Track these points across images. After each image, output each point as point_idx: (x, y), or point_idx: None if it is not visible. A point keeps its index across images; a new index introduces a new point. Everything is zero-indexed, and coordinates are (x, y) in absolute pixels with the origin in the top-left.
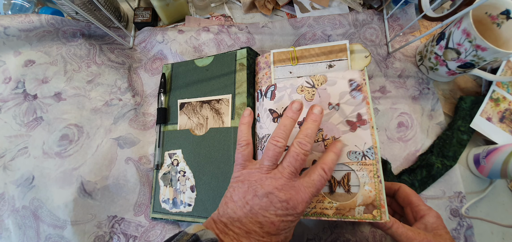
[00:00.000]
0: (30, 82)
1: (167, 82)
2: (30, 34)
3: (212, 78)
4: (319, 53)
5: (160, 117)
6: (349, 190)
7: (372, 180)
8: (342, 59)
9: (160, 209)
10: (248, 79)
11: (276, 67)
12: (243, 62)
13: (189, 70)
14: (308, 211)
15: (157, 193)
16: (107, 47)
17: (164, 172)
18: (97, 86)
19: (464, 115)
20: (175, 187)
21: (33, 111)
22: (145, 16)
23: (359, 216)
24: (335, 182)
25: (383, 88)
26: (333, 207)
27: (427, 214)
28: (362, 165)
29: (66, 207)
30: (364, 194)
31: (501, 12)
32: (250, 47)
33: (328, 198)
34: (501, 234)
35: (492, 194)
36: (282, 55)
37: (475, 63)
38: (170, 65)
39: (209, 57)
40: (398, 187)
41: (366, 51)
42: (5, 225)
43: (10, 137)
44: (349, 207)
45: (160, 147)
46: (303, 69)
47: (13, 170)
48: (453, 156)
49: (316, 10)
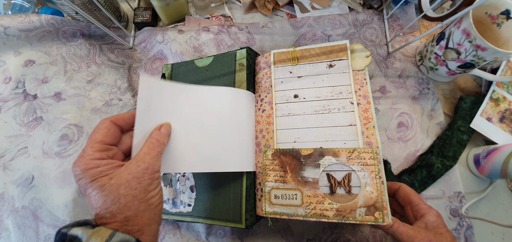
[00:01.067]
0: (30, 82)
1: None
2: (30, 34)
3: (212, 79)
4: (319, 53)
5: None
6: (350, 191)
7: (374, 181)
8: (342, 59)
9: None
10: (248, 79)
11: (276, 67)
12: (243, 62)
13: (189, 71)
14: (307, 213)
15: None
16: (107, 47)
17: (164, 173)
18: (97, 86)
19: (464, 115)
20: (175, 187)
21: (33, 111)
22: (145, 16)
23: (361, 218)
24: (335, 183)
25: (383, 88)
26: (333, 208)
27: (427, 213)
28: (363, 166)
29: (66, 207)
30: (366, 195)
31: (501, 12)
32: (250, 48)
33: (328, 199)
34: (501, 234)
35: (492, 194)
36: (282, 55)
37: (475, 63)
38: (170, 66)
39: (209, 58)
40: (398, 186)
41: (367, 51)
42: (4, 225)
43: (10, 137)
44: (350, 209)
45: None
46: (303, 69)
47: (13, 170)
48: (453, 156)
49: (316, 10)
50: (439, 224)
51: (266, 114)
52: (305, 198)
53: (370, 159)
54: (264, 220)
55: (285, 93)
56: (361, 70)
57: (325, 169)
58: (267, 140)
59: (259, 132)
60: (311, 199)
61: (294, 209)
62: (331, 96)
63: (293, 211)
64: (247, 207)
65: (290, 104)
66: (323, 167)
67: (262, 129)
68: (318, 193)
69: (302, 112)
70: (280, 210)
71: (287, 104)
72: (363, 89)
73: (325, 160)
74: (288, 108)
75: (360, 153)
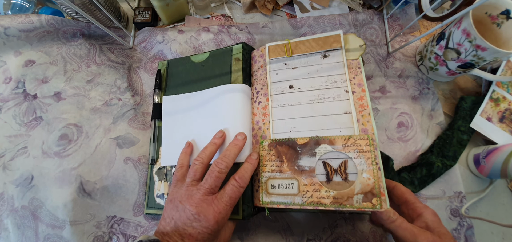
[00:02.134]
0: (30, 82)
1: (163, 78)
2: (30, 34)
3: (208, 73)
4: (313, 45)
5: (155, 113)
6: (347, 178)
7: (371, 167)
8: (336, 49)
9: (154, 205)
10: (244, 73)
11: (271, 60)
12: (238, 57)
13: (185, 66)
14: (304, 201)
15: (152, 189)
16: (107, 47)
17: (159, 167)
18: (97, 86)
19: (464, 115)
20: (171, 182)
21: (33, 111)
22: (145, 16)
23: (358, 204)
24: (332, 170)
25: (383, 88)
26: (330, 195)
27: (424, 211)
28: (359, 152)
29: (65, 207)
30: (362, 181)
31: (501, 12)
32: (245, 43)
33: (325, 187)
34: (501, 234)
35: (492, 194)
36: (277, 48)
37: (475, 63)
38: (166, 62)
39: (205, 53)
40: (394, 185)
41: (360, 41)
42: (4, 225)
43: (10, 137)
44: (347, 196)
45: (155, 142)
46: (298, 60)
47: (12, 169)
48: (453, 156)
49: (316, 10)
50: (438, 222)
51: (262, 106)
52: (301, 187)
53: (366, 146)
54: (264, 220)
55: (280, 85)
56: (355, 60)
57: (321, 157)
58: (263, 131)
59: (255, 124)
60: (308, 187)
61: (291, 198)
62: (326, 86)
63: (290, 200)
64: (244, 198)
65: (286, 95)
66: (319, 155)
67: (258, 120)
68: (314, 181)
69: (297, 102)
70: (277, 199)
71: (282, 95)
72: (357, 77)
73: (321, 148)
74: (283, 99)
75: (356, 140)
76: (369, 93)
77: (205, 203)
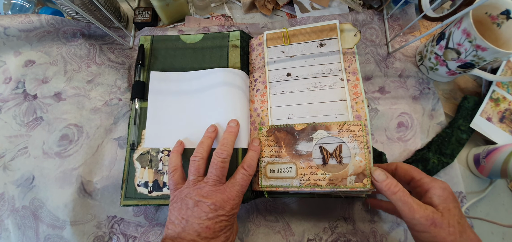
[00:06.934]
0: (30, 82)
1: (146, 55)
2: (30, 34)
3: (201, 56)
4: (310, 33)
5: (136, 92)
6: (341, 161)
7: (362, 151)
8: (332, 38)
9: (135, 195)
10: (242, 60)
11: (268, 47)
12: (236, 44)
13: (173, 45)
14: (302, 183)
15: (132, 177)
16: (107, 47)
17: (141, 153)
18: (97, 86)
19: (466, 114)
20: (156, 168)
21: (33, 111)
22: (145, 16)
23: (351, 185)
24: (327, 154)
25: (383, 88)
26: (326, 178)
27: (432, 186)
28: (353, 137)
29: (66, 207)
30: (355, 164)
31: (501, 12)
32: (243, 30)
33: (321, 170)
34: (501, 234)
35: (492, 194)
36: (274, 35)
37: (475, 63)
38: (150, 37)
39: (198, 35)
40: (395, 166)
41: (355, 30)
42: (4, 226)
43: (10, 137)
44: (341, 177)
45: (136, 124)
46: (295, 48)
47: (13, 170)
48: (450, 154)
49: (316, 10)
50: (446, 197)
51: (260, 93)
52: (299, 170)
53: (359, 131)
54: (264, 220)
55: (278, 72)
56: (350, 49)
57: (317, 142)
58: (262, 118)
59: (253, 111)
60: (305, 170)
61: (289, 181)
62: (322, 74)
63: (288, 183)
64: None
65: (283, 83)
66: (316, 140)
67: (257, 107)
68: (311, 164)
69: (295, 90)
70: (276, 183)
71: (280, 82)
72: (352, 66)
73: (317, 134)
74: (281, 86)
75: (350, 125)
76: (369, 94)
77: (218, 192)
